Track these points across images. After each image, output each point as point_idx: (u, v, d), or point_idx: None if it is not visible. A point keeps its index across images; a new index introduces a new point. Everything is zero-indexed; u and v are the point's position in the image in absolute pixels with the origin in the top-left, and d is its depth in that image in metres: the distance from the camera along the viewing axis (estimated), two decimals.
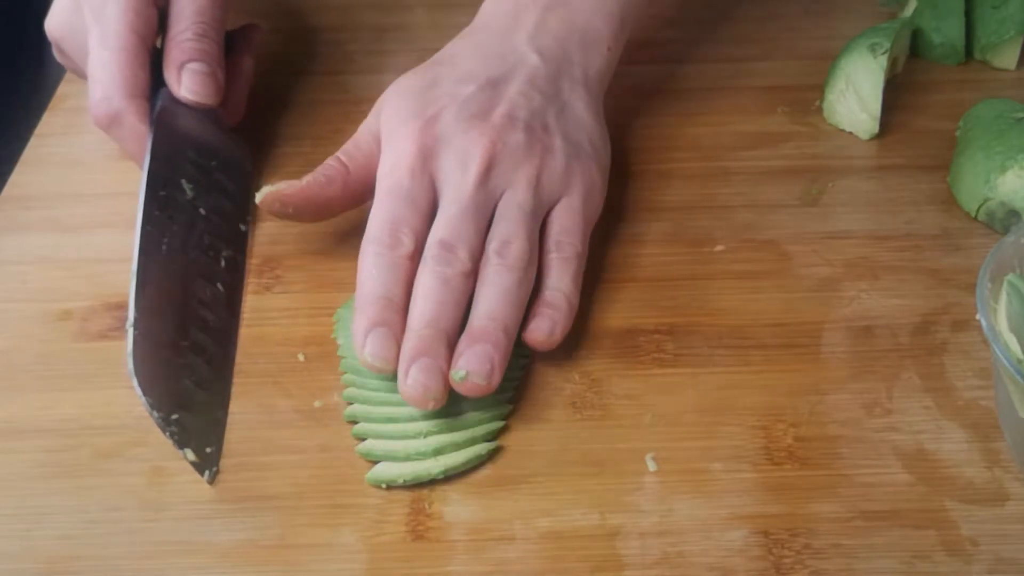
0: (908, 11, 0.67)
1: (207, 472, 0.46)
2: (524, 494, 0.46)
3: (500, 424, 0.48)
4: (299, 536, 0.45)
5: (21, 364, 0.51)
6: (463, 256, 0.49)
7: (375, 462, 0.47)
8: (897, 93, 0.63)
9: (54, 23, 0.59)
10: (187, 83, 0.55)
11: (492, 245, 0.50)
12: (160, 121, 0.55)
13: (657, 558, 0.43)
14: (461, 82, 0.54)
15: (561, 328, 0.50)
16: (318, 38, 0.69)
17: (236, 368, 0.51)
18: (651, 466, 0.46)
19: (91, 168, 0.59)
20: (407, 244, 0.49)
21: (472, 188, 0.50)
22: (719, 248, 0.55)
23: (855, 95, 0.61)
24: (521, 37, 0.56)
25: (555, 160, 0.52)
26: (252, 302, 0.54)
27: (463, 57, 0.56)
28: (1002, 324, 0.44)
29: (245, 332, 0.52)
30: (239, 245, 0.53)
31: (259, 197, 0.52)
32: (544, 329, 0.49)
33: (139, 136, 0.55)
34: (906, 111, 0.62)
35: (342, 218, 0.57)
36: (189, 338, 0.48)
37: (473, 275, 0.49)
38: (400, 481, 0.46)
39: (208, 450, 0.46)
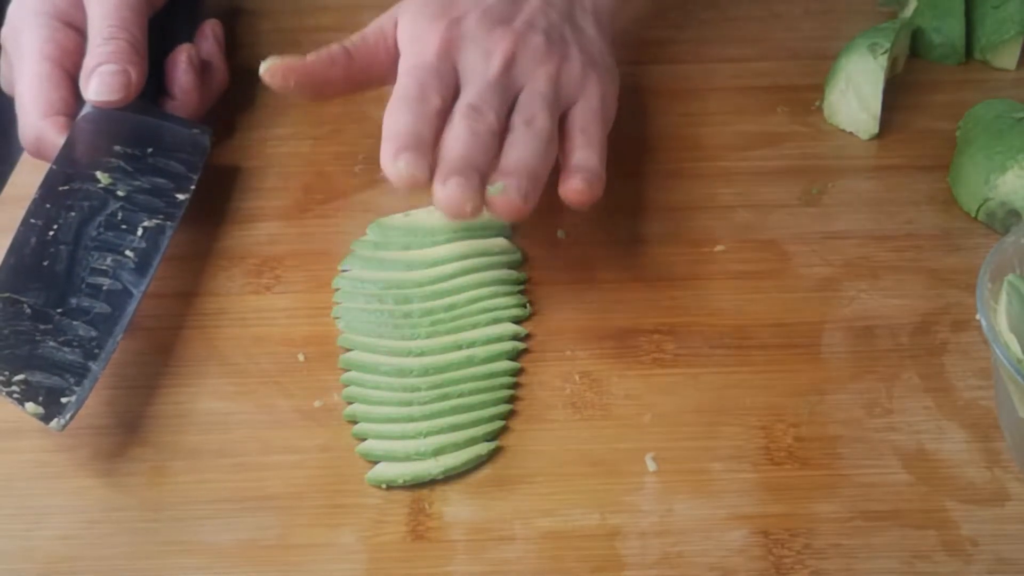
0: (908, 11, 0.67)
1: (56, 420, 0.46)
2: (524, 494, 0.46)
3: (500, 424, 0.48)
4: (299, 536, 0.45)
5: None
6: (491, 117, 0.51)
7: (375, 462, 0.47)
8: (897, 93, 0.63)
9: None
10: (93, 87, 0.56)
11: (518, 118, 0.51)
12: (75, 130, 0.55)
13: (657, 558, 0.43)
14: None
15: (596, 188, 0.51)
16: (318, 38, 0.69)
17: (236, 368, 0.51)
18: (651, 466, 0.47)
19: None
20: (434, 101, 0.51)
21: (496, 73, 0.53)
22: (719, 248, 0.55)
23: (855, 95, 0.61)
24: None
25: (572, 65, 0.54)
26: (252, 302, 0.54)
27: None
28: (1002, 324, 0.44)
29: (245, 332, 0.52)
30: (169, 212, 0.54)
31: (263, 67, 0.54)
32: (583, 180, 0.51)
33: (57, 148, 0.56)
34: (906, 111, 0.62)
35: (343, 219, 0.57)
36: (67, 306, 0.50)
37: (500, 137, 0.51)
38: (400, 481, 0.46)
39: (64, 400, 0.47)
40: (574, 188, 0.51)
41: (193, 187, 0.56)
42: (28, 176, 0.61)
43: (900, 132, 0.61)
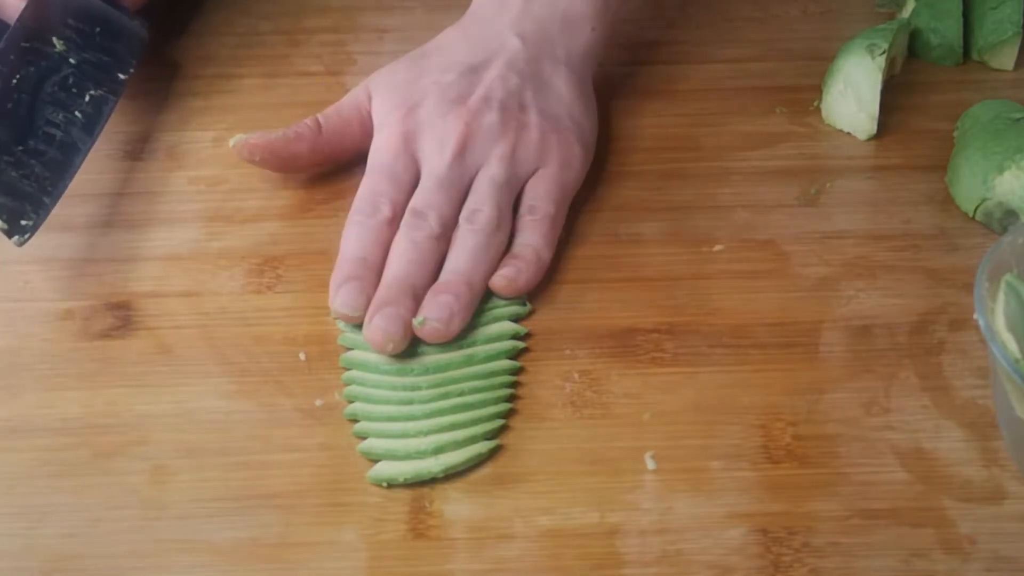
0: (906, 12, 0.67)
1: (16, 237, 0.53)
2: (524, 492, 0.46)
3: (500, 423, 0.48)
4: (300, 534, 0.45)
5: (23, 363, 0.52)
6: (432, 222, 0.52)
7: (376, 461, 0.47)
8: (895, 94, 0.63)
9: None
10: None
11: (463, 214, 0.53)
12: None
13: (656, 556, 0.44)
14: (444, 71, 0.58)
15: (525, 277, 0.53)
16: (318, 39, 0.69)
17: (238, 367, 0.51)
18: (650, 464, 0.47)
19: (92, 168, 0.59)
20: (385, 211, 0.53)
21: (447, 165, 0.54)
22: (718, 248, 0.56)
23: (853, 95, 0.61)
24: (505, 22, 0.59)
25: (529, 134, 0.56)
26: (253, 301, 0.54)
27: (450, 46, 0.60)
28: (999, 323, 0.44)
29: (246, 331, 0.52)
30: (112, 87, 0.60)
31: (232, 142, 0.57)
32: (507, 275, 0.52)
33: (18, 10, 0.60)
34: (904, 112, 0.62)
35: (343, 219, 0.57)
36: (27, 145, 0.56)
37: (443, 240, 0.53)
38: (401, 479, 0.46)
39: (23, 222, 0.54)
40: (498, 282, 0.52)
41: (132, 70, 0.61)
42: None
43: (898, 132, 0.61)
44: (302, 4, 0.72)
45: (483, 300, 0.52)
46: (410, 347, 0.50)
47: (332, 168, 0.60)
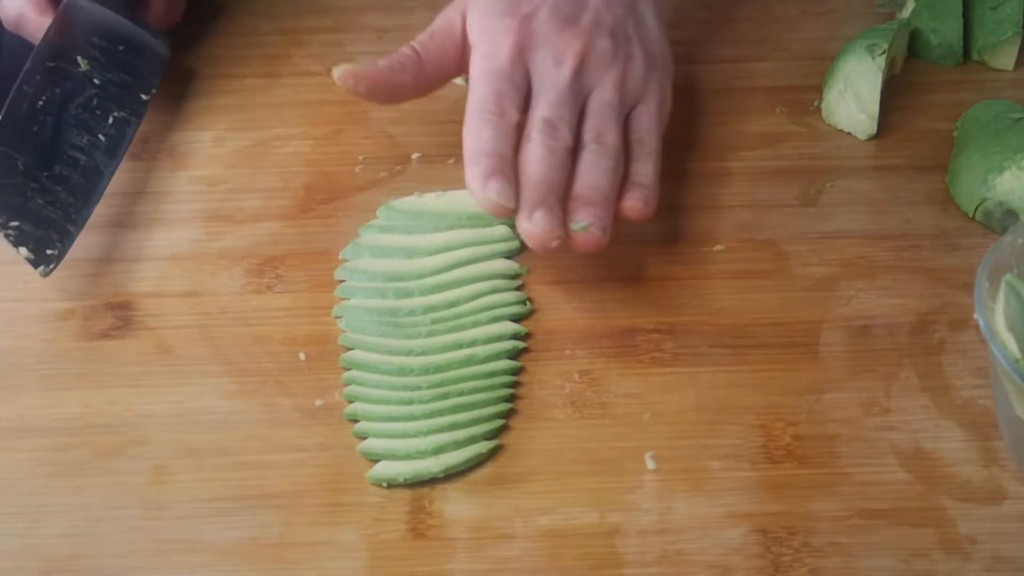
0: (906, 12, 0.67)
1: (42, 267, 0.53)
2: (524, 492, 0.46)
3: (500, 423, 0.48)
4: (300, 534, 0.45)
5: (23, 363, 0.52)
6: (566, 134, 0.53)
7: (376, 460, 0.47)
8: (895, 94, 0.63)
9: None
10: None
11: (589, 135, 0.53)
12: (62, 12, 0.61)
13: (656, 556, 0.44)
14: None
15: (653, 204, 0.54)
16: (320, 39, 0.69)
17: (238, 367, 0.51)
18: (650, 464, 0.47)
19: None
20: (512, 115, 0.53)
21: (567, 80, 0.54)
22: (718, 248, 0.56)
23: (853, 96, 0.61)
24: None
25: (636, 67, 0.56)
26: (253, 301, 0.54)
27: None
28: (999, 323, 0.44)
29: (247, 331, 0.52)
30: (135, 108, 0.60)
31: (336, 72, 0.56)
32: (641, 199, 0.53)
33: (44, 29, 0.60)
34: (904, 112, 0.63)
35: (344, 218, 0.57)
36: (52, 171, 0.55)
37: (572, 153, 0.53)
38: (401, 479, 0.46)
39: (49, 252, 0.53)
40: (632, 206, 0.53)
41: (154, 90, 0.61)
42: None
43: (898, 132, 0.61)
44: (303, 4, 0.72)
45: (483, 293, 0.52)
46: (410, 345, 0.50)
47: (334, 166, 0.60)
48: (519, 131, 0.53)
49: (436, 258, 0.54)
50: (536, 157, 0.52)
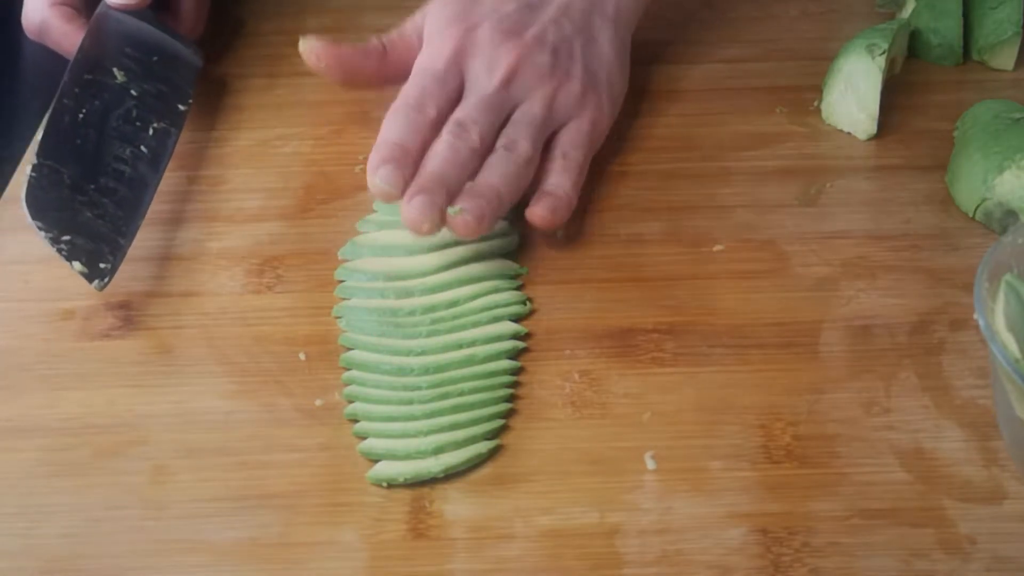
0: (906, 12, 0.67)
1: (96, 281, 0.52)
2: (524, 492, 0.46)
3: (500, 423, 0.48)
4: (300, 534, 0.45)
5: (23, 363, 0.52)
6: (474, 136, 0.54)
7: (376, 460, 0.47)
8: (895, 94, 0.63)
9: None
10: None
11: (501, 141, 0.55)
12: (95, 23, 0.61)
13: (656, 556, 0.44)
14: (502, 1, 0.59)
15: (561, 214, 0.55)
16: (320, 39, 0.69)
17: (238, 367, 0.51)
18: (650, 464, 0.47)
19: None
20: (430, 112, 0.54)
21: (494, 88, 0.56)
22: (718, 248, 0.56)
23: (853, 95, 0.61)
24: None
25: (572, 85, 0.57)
26: (253, 301, 0.54)
27: None
28: (999, 323, 0.44)
29: (247, 331, 0.52)
30: (174, 119, 0.59)
31: (301, 44, 0.58)
32: (546, 208, 0.54)
33: (69, 40, 0.61)
34: (904, 112, 0.63)
35: (344, 218, 0.57)
36: (98, 183, 0.55)
37: (480, 155, 0.54)
38: (401, 479, 0.46)
39: (102, 265, 0.52)
40: (538, 213, 0.54)
41: (190, 100, 0.61)
42: None
43: (898, 132, 0.61)
44: (303, 4, 0.72)
45: (483, 293, 0.52)
46: (410, 345, 0.50)
47: (334, 166, 0.60)
48: (435, 129, 0.54)
49: (436, 255, 0.54)
50: (436, 153, 0.53)
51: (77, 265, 0.52)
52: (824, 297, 0.53)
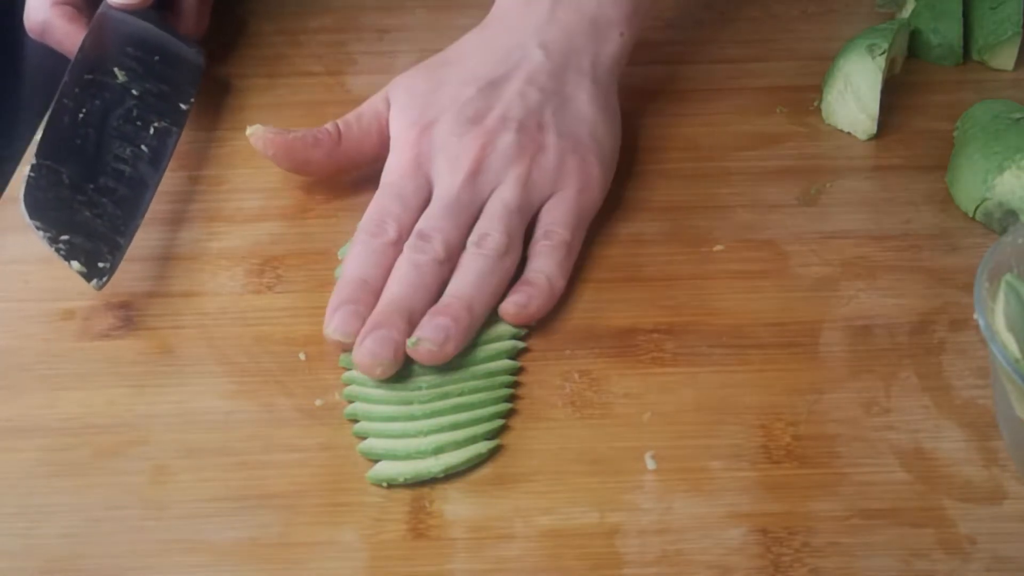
0: (906, 12, 0.67)
1: (95, 280, 0.52)
2: (524, 492, 0.46)
3: (500, 423, 0.48)
4: (300, 534, 0.45)
5: (23, 363, 0.52)
6: (437, 246, 0.51)
7: (376, 460, 0.47)
8: (895, 94, 0.63)
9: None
10: None
11: (472, 238, 0.52)
12: (96, 23, 0.61)
13: (656, 556, 0.44)
14: (463, 84, 0.56)
15: (536, 305, 0.51)
16: (320, 39, 0.69)
17: (238, 367, 0.51)
18: (650, 464, 0.47)
19: None
20: (390, 233, 0.52)
21: (458, 187, 0.53)
22: (718, 248, 0.56)
23: (853, 96, 0.61)
24: (529, 30, 0.57)
25: (547, 157, 0.54)
26: (253, 301, 0.54)
27: (471, 55, 0.58)
28: (999, 323, 0.44)
29: (247, 331, 0.52)
30: (175, 118, 0.59)
31: (249, 131, 0.56)
32: (518, 302, 0.51)
33: (71, 39, 0.60)
34: (904, 112, 0.63)
35: (344, 219, 0.57)
36: (97, 183, 0.55)
37: (447, 265, 0.51)
38: (401, 479, 0.46)
39: (100, 265, 0.52)
40: (506, 307, 0.51)
41: (192, 99, 0.60)
42: None
43: (898, 132, 0.61)
44: (303, 4, 0.72)
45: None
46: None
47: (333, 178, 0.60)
48: (398, 247, 0.52)
49: None
50: (397, 275, 0.50)
51: (76, 264, 0.52)
52: (824, 297, 0.53)
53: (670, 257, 0.55)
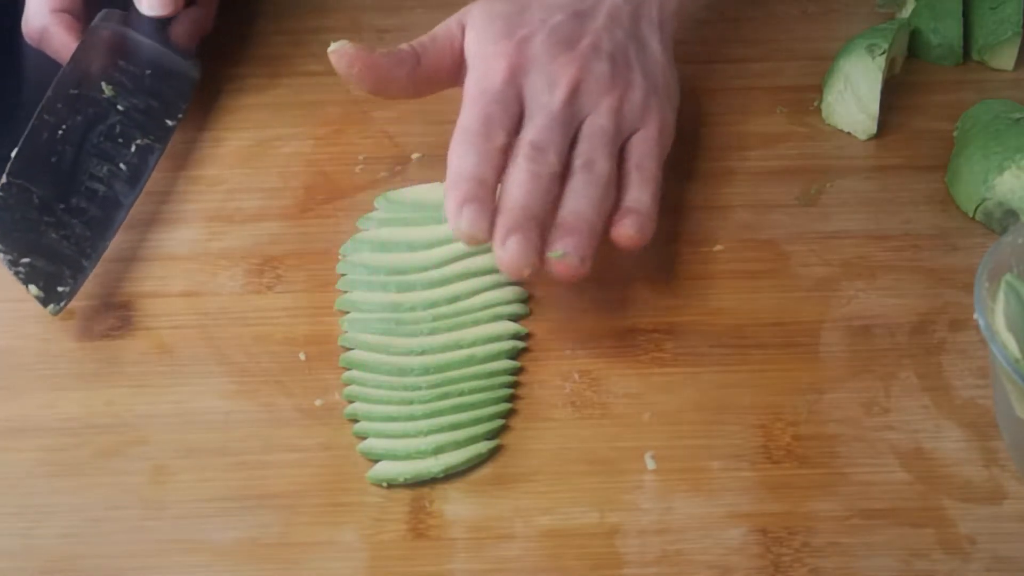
0: (906, 12, 0.67)
1: (52, 306, 0.51)
2: (524, 492, 0.46)
3: (500, 423, 0.48)
4: (300, 534, 0.45)
5: (23, 363, 0.52)
6: (552, 159, 0.51)
7: (376, 460, 0.47)
8: (895, 94, 0.63)
9: None
10: (146, 1, 0.60)
11: (578, 161, 0.52)
12: (90, 34, 0.60)
13: (656, 556, 0.44)
14: (549, 10, 0.56)
15: (648, 231, 0.52)
16: (320, 39, 0.69)
17: (238, 367, 0.51)
18: (650, 464, 0.47)
19: None
20: (500, 138, 0.51)
21: (559, 105, 0.53)
22: (718, 248, 0.56)
23: (853, 95, 0.61)
24: None
25: (635, 93, 0.55)
26: (253, 301, 0.54)
27: None
28: (999, 323, 0.44)
29: (247, 331, 0.52)
30: (159, 135, 0.58)
31: (332, 47, 0.55)
32: (633, 225, 0.51)
33: (68, 48, 0.60)
34: (904, 111, 0.63)
35: (344, 219, 0.57)
36: (68, 203, 0.54)
37: (560, 179, 0.51)
38: (401, 479, 0.46)
39: (60, 289, 0.52)
40: (625, 233, 0.51)
41: (181, 116, 0.60)
42: None
43: (898, 132, 0.61)
44: (303, 4, 0.72)
45: (484, 300, 0.52)
46: (410, 345, 0.50)
47: (334, 166, 0.60)
48: (506, 155, 0.51)
49: (437, 251, 0.54)
50: (518, 182, 0.50)
51: (33, 289, 0.51)
52: (824, 297, 0.53)
53: (670, 257, 0.55)
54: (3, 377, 0.51)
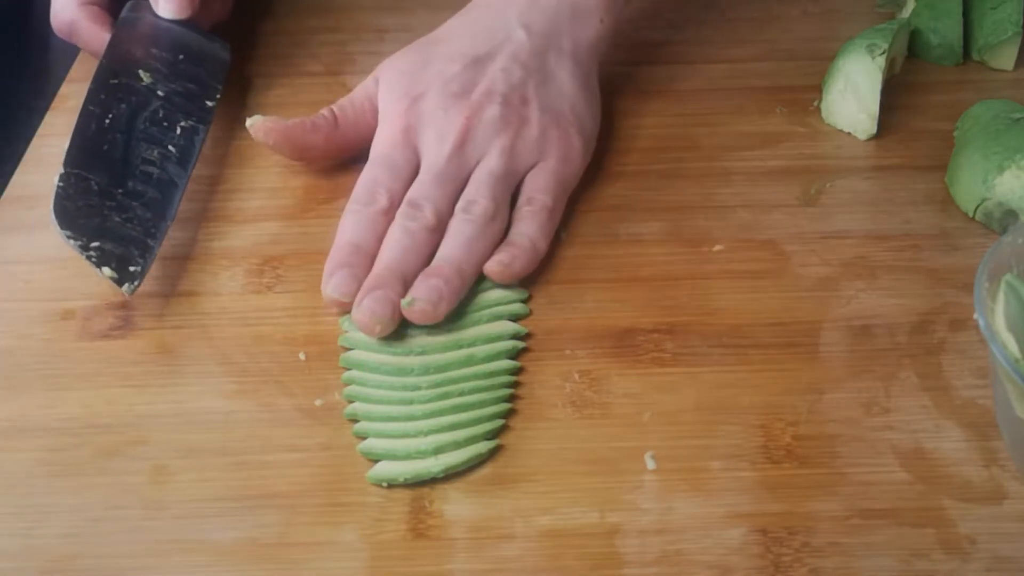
0: (906, 12, 0.67)
1: (126, 285, 0.52)
2: (524, 492, 0.46)
3: (500, 423, 0.48)
4: (300, 534, 0.45)
5: (24, 363, 0.52)
6: (428, 213, 0.53)
7: (376, 460, 0.47)
8: (895, 94, 0.63)
9: None
10: (163, 3, 0.62)
11: (459, 204, 0.54)
12: (120, 27, 0.62)
13: (656, 556, 0.44)
14: (449, 61, 0.58)
15: (520, 263, 0.53)
16: (319, 39, 0.69)
17: (238, 367, 0.51)
18: (650, 464, 0.47)
19: None
20: (382, 201, 0.54)
21: (446, 158, 0.55)
22: (718, 248, 0.56)
23: (853, 95, 0.61)
24: (512, 13, 0.60)
25: (530, 129, 0.56)
26: (253, 301, 0.54)
27: (456, 36, 0.60)
28: (999, 323, 0.44)
29: (247, 331, 0.52)
30: (201, 116, 0.60)
31: (249, 122, 0.58)
32: (502, 260, 0.53)
33: (98, 39, 0.62)
34: (904, 111, 0.63)
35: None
36: (126, 187, 0.55)
37: (438, 233, 0.53)
38: (401, 479, 0.46)
39: (132, 269, 0.52)
40: (491, 267, 0.52)
41: (218, 96, 0.61)
42: (31, 176, 0.61)
43: (898, 132, 0.61)
44: (303, 4, 0.72)
45: (484, 300, 0.52)
46: (410, 345, 0.50)
47: (336, 163, 0.60)
48: (389, 215, 0.53)
49: None
50: (391, 241, 0.52)
51: (107, 271, 0.52)
52: (824, 297, 0.53)
53: (670, 257, 0.55)
54: (3, 377, 0.51)
